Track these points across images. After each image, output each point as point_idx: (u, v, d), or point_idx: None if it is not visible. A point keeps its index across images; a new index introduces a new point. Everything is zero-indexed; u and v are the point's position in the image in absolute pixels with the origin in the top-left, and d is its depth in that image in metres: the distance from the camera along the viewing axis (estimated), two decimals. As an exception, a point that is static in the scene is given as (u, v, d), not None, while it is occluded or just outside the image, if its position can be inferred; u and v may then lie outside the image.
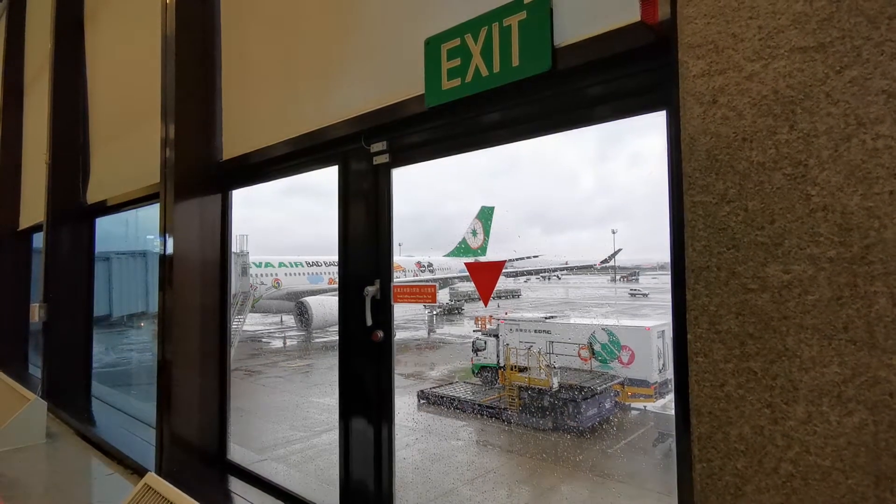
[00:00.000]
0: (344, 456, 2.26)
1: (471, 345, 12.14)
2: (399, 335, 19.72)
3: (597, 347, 9.80)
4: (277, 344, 19.43)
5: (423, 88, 1.90)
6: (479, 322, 13.30)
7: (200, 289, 2.96)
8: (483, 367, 11.46)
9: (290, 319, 19.60)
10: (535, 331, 10.49)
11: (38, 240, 6.25)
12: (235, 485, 2.84)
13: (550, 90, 1.66)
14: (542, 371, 9.73)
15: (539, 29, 1.57)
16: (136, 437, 3.73)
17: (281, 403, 12.30)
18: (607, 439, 8.98)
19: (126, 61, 4.35)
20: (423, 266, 23.21)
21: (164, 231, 2.95)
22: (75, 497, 2.87)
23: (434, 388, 11.51)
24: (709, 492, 0.89)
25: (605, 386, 9.37)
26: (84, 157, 4.70)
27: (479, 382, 11.51)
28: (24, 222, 6.06)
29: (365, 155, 2.25)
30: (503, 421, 10.07)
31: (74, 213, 4.62)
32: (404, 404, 11.06)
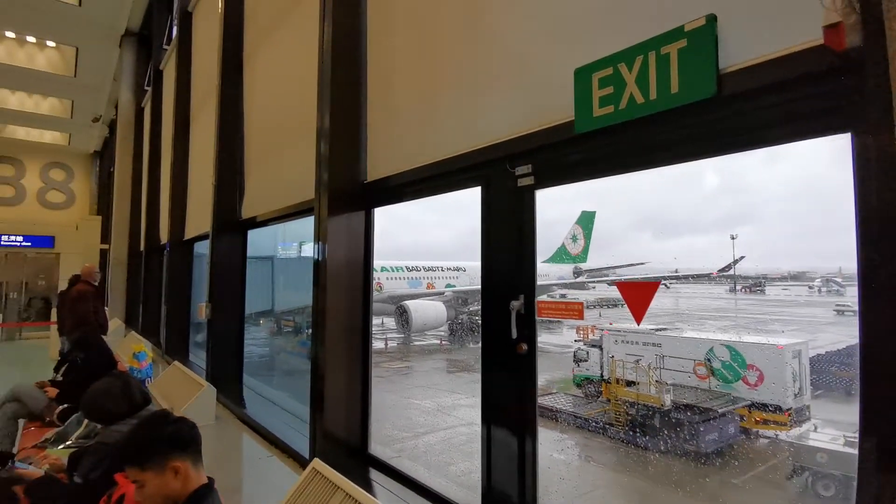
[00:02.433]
0: (486, 462, 2.39)
1: (572, 355, 11.87)
2: (498, 342, 19.80)
3: (716, 365, 9.09)
4: (379, 345, 20.32)
5: (572, 114, 2.00)
6: (581, 332, 12.96)
7: (348, 294, 3.29)
8: (585, 379, 11.13)
9: (390, 322, 20.44)
10: (644, 343, 9.97)
11: (197, 248, 7.25)
12: (376, 476, 3.11)
13: (714, 114, 1.67)
14: (651, 387, 9.25)
15: (702, 55, 1.60)
16: (279, 421, 4.22)
17: (383, 403, 12.85)
18: (731, 468, 8.24)
19: (275, 94, 4.94)
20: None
21: (318, 240, 3.32)
22: (248, 475, 3.33)
23: (533, 397, 11.35)
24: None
25: (727, 408, 8.64)
26: (240, 178, 5.40)
27: (581, 394, 11.20)
28: (188, 233, 7.05)
29: (508, 177, 2.39)
30: (608, 437, 9.70)
31: (232, 226, 5.33)
32: (505, 412, 11.06)
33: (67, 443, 3.69)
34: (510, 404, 2.30)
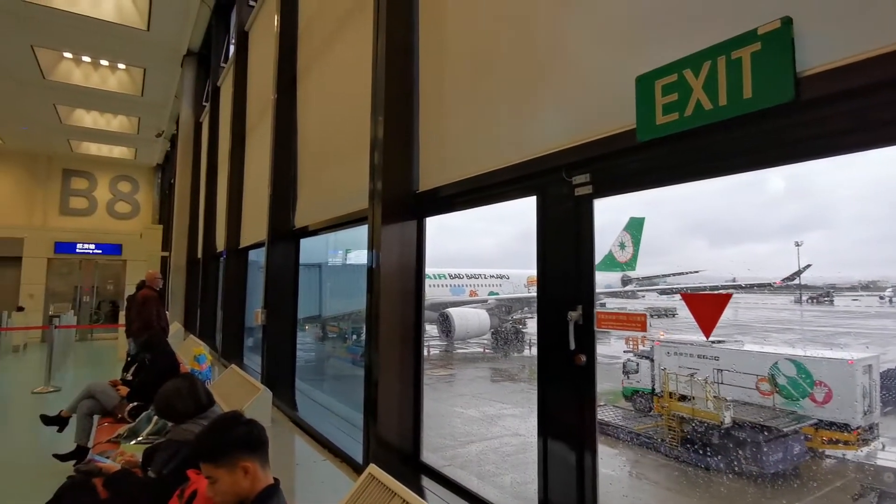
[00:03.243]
0: (543, 476, 2.36)
1: (621, 366, 11.52)
2: (543, 352, 19.44)
3: (781, 381, 8.57)
4: (421, 352, 20.21)
5: (633, 122, 1.97)
6: (631, 342, 12.57)
7: (401, 301, 3.34)
8: (635, 392, 10.78)
9: (432, 329, 20.49)
10: (700, 356, 9.55)
11: (251, 256, 7.53)
12: (428, 484, 3.12)
13: (790, 120, 1.61)
14: (709, 402, 8.83)
15: (778, 59, 1.54)
16: (329, 425, 4.32)
17: (428, 410, 12.77)
18: (795, 490, 7.75)
19: (327, 109, 5.10)
20: (564, 281, 22.49)
21: (371, 248, 3.39)
22: (303, 478, 3.42)
23: (580, 408, 11.04)
24: None
25: (792, 427, 8.14)
26: (293, 189, 5.60)
27: (631, 408, 10.85)
28: (243, 242, 7.35)
29: (565, 186, 2.36)
30: (660, 454, 9.33)
31: (286, 235, 5.52)
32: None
33: (139, 438, 3.91)
34: (568, 417, 2.26)
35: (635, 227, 24.14)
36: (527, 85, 2.62)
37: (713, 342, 9.79)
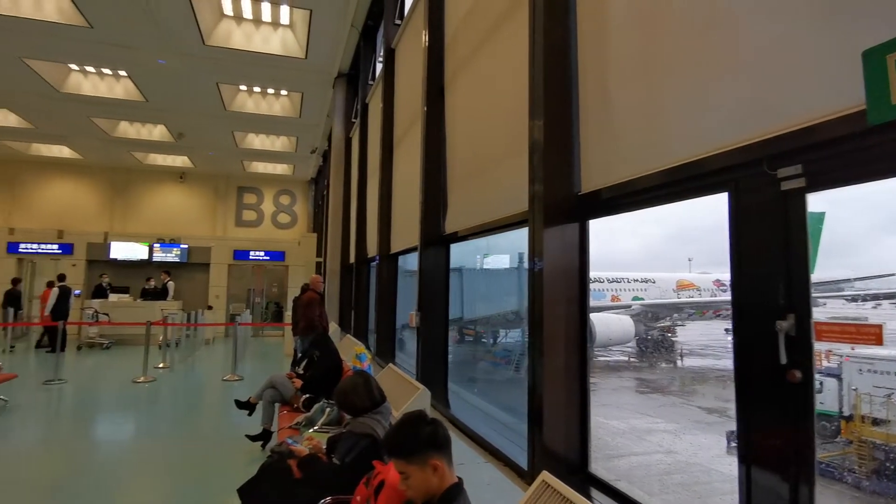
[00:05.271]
0: (746, 504, 2.12)
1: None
2: (694, 362, 17.85)
3: None
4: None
5: (857, 104, 1.70)
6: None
7: (564, 307, 3.26)
8: (818, 415, 9.30)
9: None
10: (901, 374, 7.94)
11: (400, 261, 7.97)
12: (598, 496, 2.99)
13: None
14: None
15: None
16: (482, 424, 4.34)
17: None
18: None
19: (474, 116, 5.20)
20: (724, 284, 20.28)
21: (533, 253, 3.36)
22: (471, 481, 3.51)
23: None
24: None
25: None
26: (443, 196, 5.82)
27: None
28: (394, 248, 7.82)
29: (767, 179, 2.11)
30: (848, 484, 7.95)
31: (437, 240, 5.75)
32: (708, 444, 9.84)
33: (315, 427, 4.34)
34: (780, 443, 2.00)
35: (812, 223, 20.85)
36: (712, 70, 2.39)
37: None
